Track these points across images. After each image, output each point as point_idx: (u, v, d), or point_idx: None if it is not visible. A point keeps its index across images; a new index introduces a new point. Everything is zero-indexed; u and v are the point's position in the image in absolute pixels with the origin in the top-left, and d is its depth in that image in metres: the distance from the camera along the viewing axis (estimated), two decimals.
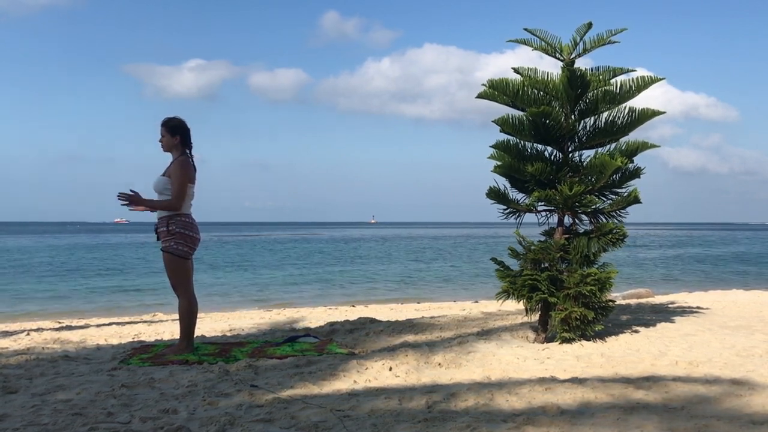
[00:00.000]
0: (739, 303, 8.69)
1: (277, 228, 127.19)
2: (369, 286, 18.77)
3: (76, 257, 31.87)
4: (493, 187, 5.70)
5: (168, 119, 5.07)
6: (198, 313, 5.22)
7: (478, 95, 5.81)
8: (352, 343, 5.53)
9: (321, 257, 32.93)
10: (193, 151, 5.13)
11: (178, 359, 4.78)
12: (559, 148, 5.64)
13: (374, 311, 10.30)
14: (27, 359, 4.93)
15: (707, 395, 3.55)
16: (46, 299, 15.35)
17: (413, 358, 4.55)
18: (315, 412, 3.28)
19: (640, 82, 5.49)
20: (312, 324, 7.57)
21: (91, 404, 3.51)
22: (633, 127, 5.54)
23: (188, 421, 3.16)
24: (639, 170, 5.54)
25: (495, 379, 4.05)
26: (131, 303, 14.49)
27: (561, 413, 3.20)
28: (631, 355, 4.75)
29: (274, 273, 23.11)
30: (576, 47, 5.54)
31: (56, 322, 9.65)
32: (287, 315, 10.04)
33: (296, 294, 16.66)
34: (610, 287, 5.29)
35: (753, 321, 6.55)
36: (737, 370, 4.22)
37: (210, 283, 18.95)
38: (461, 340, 5.18)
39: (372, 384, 3.93)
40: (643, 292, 11.26)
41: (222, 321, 9.10)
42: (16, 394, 3.81)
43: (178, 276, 4.97)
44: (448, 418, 3.14)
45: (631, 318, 6.62)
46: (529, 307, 5.50)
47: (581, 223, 5.59)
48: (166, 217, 4.94)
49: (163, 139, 5.06)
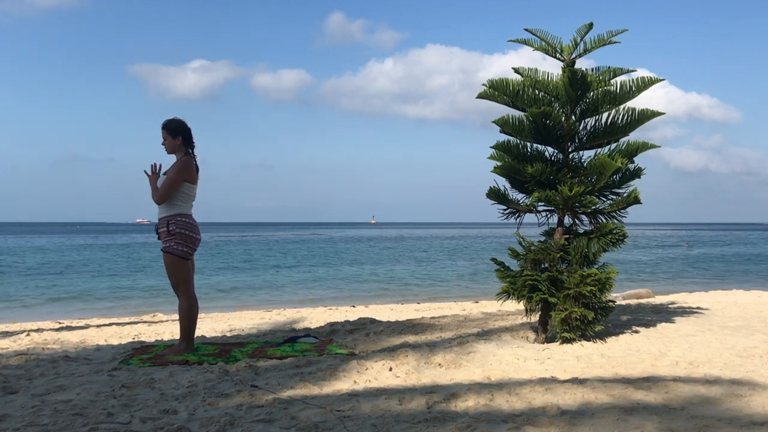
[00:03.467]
0: (739, 303, 8.68)
1: (277, 228, 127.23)
2: (369, 286, 18.78)
3: (106, 256, 31.89)
4: (494, 188, 5.70)
5: (168, 121, 5.08)
6: (198, 314, 5.22)
7: (479, 95, 5.81)
8: (352, 344, 5.53)
9: (321, 257, 32.93)
10: (195, 151, 5.14)
11: (178, 359, 4.78)
12: (559, 149, 5.64)
13: (374, 312, 10.30)
14: (27, 360, 4.92)
15: (707, 395, 3.55)
16: (46, 299, 15.36)
17: (413, 358, 4.55)
18: (315, 412, 3.28)
19: (640, 83, 5.49)
20: (312, 324, 7.57)
21: (91, 405, 3.50)
22: (633, 128, 5.55)
23: (188, 422, 3.16)
24: (639, 171, 5.55)
25: (495, 379, 4.05)
26: (131, 303, 14.50)
27: (561, 413, 3.20)
28: (631, 356, 4.74)
29: (274, 273, 23.12)
30: (576, 48, 5.54)
31: (56, 322, 9.65)
32: (287, 315, 10.04)
33: (296, 294, 16.66)
34: (610, 287, 5.29)
35: (753, 321, 6.55)
36: (737, 370, 4.22)
37: (210, 283, 18.95)
38: (461, 341, 5.18)
39: (372, 384, 3.93)
40: (643, 293, 11.26)
41: (222, 321, 9.10)
42: (17, 394, 3.80)
43: (178, 276, 4.97)
44: (448, 418, 3.14)
45: (631, 318, 6.61)
46: (529, 308, 5.50)
47: (581, 223, 5.59)
48: (167, 217, 4.95)
49: (165, 142, 5.06)
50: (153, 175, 5.07)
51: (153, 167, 5.09)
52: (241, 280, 20.60)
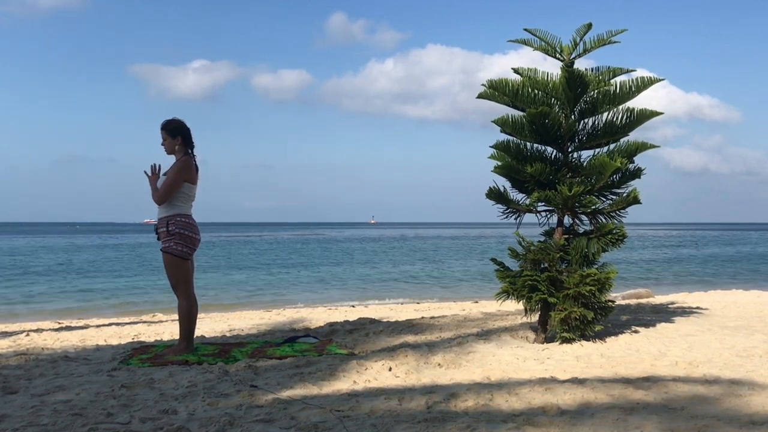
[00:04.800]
0: (739, 303, 8.68)
1: (278, 228, 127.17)
2: (369, 286, 18.78)
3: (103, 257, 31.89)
4: (493, 188, 5.70)
5: (167, 122, 5.07)
6: (198, 314, 5.22)
7: (479, 95, 5.81)
8: (351, 344, 5.53)
9: (321, 257, 32.93)
10: (195, 151, 5.14)
11: (177, 360, 4.78)
12: (558, 149, 5.64)
13: (374, 311, 10.30)
14: (27, 360, 4.93)
15: (707, 395, 3.54)
16: (45, 299, 15.36)
17: (413, 358, 4.55)
18: (315, 412, 3.28)
19: (639, 83, 5.49)
20: (312, 324, 7.57)
21: (90, 405, 3.50)
22: (632, 128, 5.55)
23: (188, 422, 3.16)
24: (639, 171, 5.55)
25: (495, 379, 4.05)
26: (131, 303, 14.50)
27: (561, 413, 3.20)
28: (631, 356, 4.74)
29: (274, 273, 23.11)
30: (576, 47, 5.54)
31: (56, 322, 9.65)
32: (287, 315, 10.04)
33: (296, 294, 16.66)
34: (609, 287, 5.29)
35: (753, 321, 6.55)
36: (737, 370, 4.22)
37: (211, 283, 18.94)
38: (461, 341, 5.18)
39: (372, 384, 3.93)
40: (642, 293, 11.26)
41: (222, 321, 9.11)
42: (16, 394, 3.80)
43: (177, 276, 4.97)
44: (447, 418, 3.14)
45: (631, 318, 6.61)
46: (529, 308, 5.50)
47: (581, 223, 5.59)
48: (166, 217, 4.95)
49: (165, 143, 5.06)
50: (153, 175, 5.07)
51: (153, 168, 5.09)
52: (242, 279, 20.59)
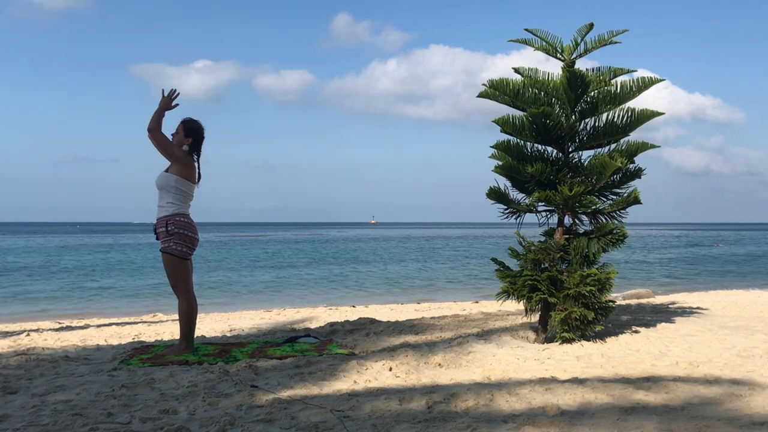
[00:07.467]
0: (739, 303, 8.68)
1: (279, 228, 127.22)
2: (369, 286, 18.77)
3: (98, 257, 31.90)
4: (494, 187, 5.70)
5: (190, 120, 5.10)
6: (198, 314, 5.21)
7: (479, 94, 5.82)
8: (352, 344, 5.53)
9: (321, 257, 32.93)
10: (200, 158, 5.13)
11: (178, 360, 4.78)
12: (559, 149, 5.64)
13: (374, 311, 10.30)
14: (27, 360, 4.93)
15: (707, 396, 3.54)
16: (45, 299, 15.36)
17: (413, 358, 4.55)
18: (315, 412, 3.28)
19: (640, 83, 5.49)
20: (312, 324, 7.57)
21: (91, 405, 3.50)
22: (633, 128, 5.54)
23: (188, 422, 3.16)
24: (640, 171, 5.54)
25: (495, 379, 4.05)
26: (131, 303, 14.50)
27: (561, 413, 3.20)
28: (631, 356, 4.74)
29: (274, 273, 23.11)
30: (577, 48, 5.54)
31: (56, 322, 9.66)
32: (287, 315, 10.05)
33: (296, 294, 16.66)
34: (610, 288, 5.29)
35: (753, 321, 6.55)
36: (737, 370, 4.22)
37: (210, 283, 18.95)
38: (461, 341, 5.18)
39: (372, 384, 3.93)
40: (643, 293, 11.26)
41: (222, 321, 9.11)
42: (16, 394, 3.80)
43: (177, 276, 4.97)
44: (448, 418, 3.14)
45: (631, 318, 6.61)
46: (529, 308, 5.49)
47: (581, 223, 5.59)
48: (165, 217, 4.95)
49: (176, 136, 5.06)
50: (166, 98, 4.94)
51: (171, 91, 4.97)
52: (242, 279, 20.59)
